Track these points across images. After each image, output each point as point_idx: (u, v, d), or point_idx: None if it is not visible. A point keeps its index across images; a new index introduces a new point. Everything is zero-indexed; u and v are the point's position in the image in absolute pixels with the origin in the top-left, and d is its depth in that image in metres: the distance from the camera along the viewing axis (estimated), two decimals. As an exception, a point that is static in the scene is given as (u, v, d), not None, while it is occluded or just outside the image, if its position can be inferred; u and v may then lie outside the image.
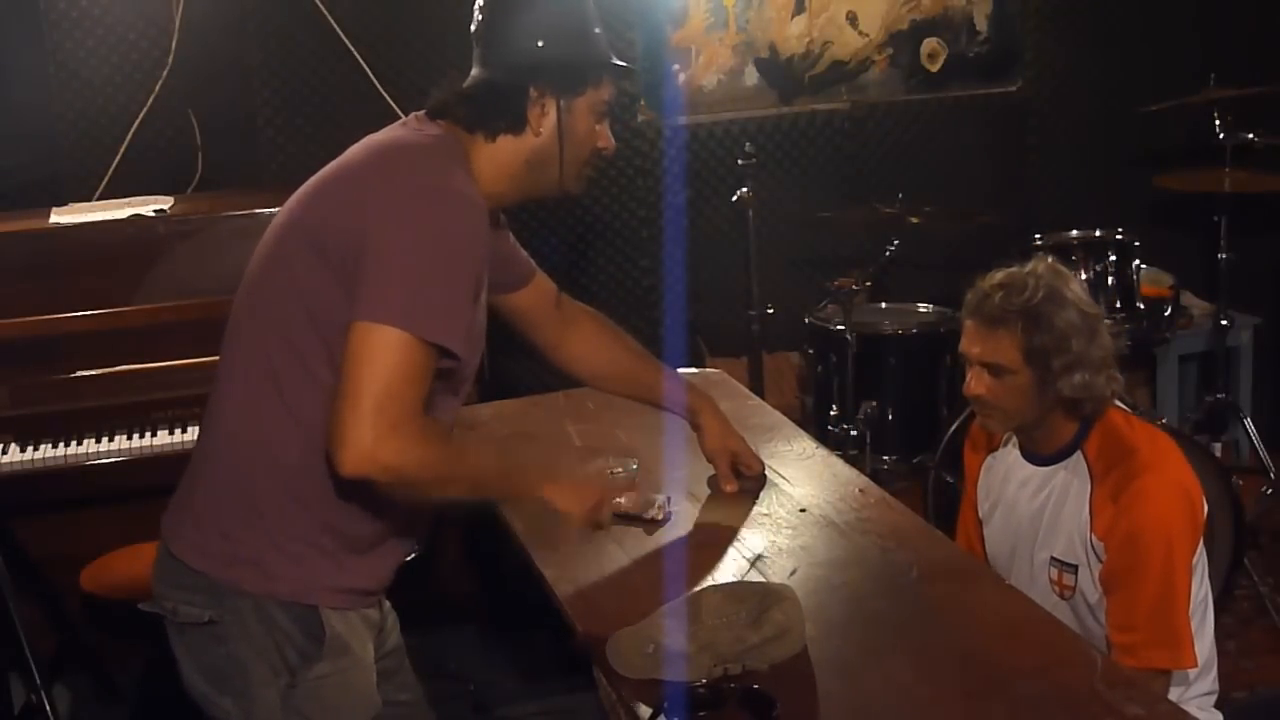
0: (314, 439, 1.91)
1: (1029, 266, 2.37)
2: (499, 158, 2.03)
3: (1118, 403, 2.42)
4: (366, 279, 1.84)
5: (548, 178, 2.07)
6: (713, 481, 2.59)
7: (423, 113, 2.08)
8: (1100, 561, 2.30)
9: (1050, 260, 2.41)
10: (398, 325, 1.81)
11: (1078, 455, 2.38)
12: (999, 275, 2.37)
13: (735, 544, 2.34)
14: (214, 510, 2.03)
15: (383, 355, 1.81)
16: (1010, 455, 2.52)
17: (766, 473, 2.61)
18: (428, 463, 1.86)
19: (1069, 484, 2.38)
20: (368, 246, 1.86)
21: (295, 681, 2.02)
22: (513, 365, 3.80)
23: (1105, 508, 2.30)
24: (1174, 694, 2.28)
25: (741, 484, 2.56)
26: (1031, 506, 2.44)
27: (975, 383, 2.38)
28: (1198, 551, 2.31)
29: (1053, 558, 2.39)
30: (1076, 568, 2.35)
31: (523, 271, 2.43)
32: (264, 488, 1.99)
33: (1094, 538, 2.30)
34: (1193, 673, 2.31)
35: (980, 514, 2.59)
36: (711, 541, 2.35)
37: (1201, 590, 2.33)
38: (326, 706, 2.05)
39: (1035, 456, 2.46)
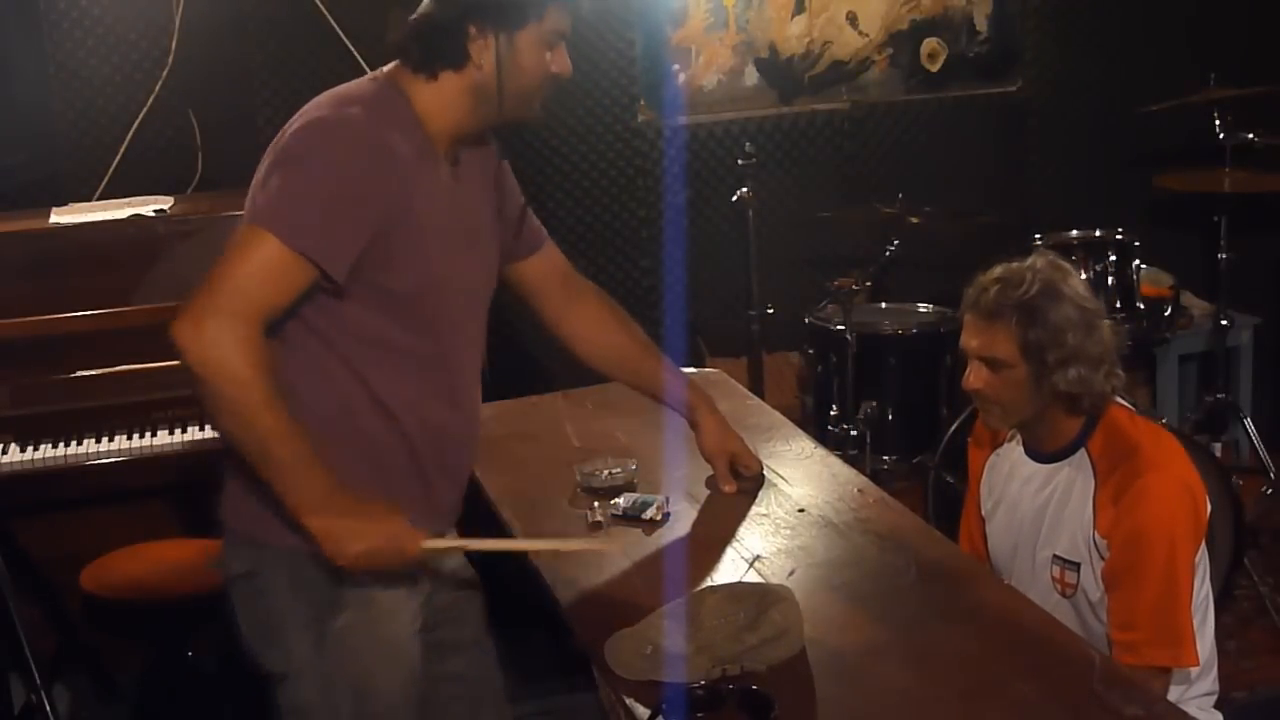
0: (301, 400, 1.99)
1: (1028, 261, 2.38)
2: (444, 94, 2.05)
3: (1121, 400, 2.42)
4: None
5: (495, 109, 2.08)
6: (711, 482, 2.59)
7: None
8: (1103, 559, 2.30)
9: (1051, 255, 2.42)
10: (265, 226, 1.90)
11: (1082, 453, 2.37)
12: (997, 270, 2.38)
13: (734, 544, 2.34)
14: (244, 473, 2.06)
15: (243, 250, 1.90)
16: (1014, 452, 2.52)
17: (765, 473, 2.61)
18: (233, 375, 1.87)
19: (1073, 481, 2.38)
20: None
21: (324, 631, 2.06)
22: (512, 365, 3.80)
23: (1109, 505, 2.29)
24: (1175, 694, 2.28)
25: (740, 484, 2.56)
26: (1035, 504, 2.44)
27: (974, 377, 2.39)
28: (1200, 551, 2.31)
29: (1055, 555, 2.39)
30: (1079, 565, 2.35)
31: (532, 240, 2.42)
32: None
33: (1097, 535, 2.30)
34: (1194, 672, 2.31)
35: (983, 511, 2.59)
36: (710, 542, 2.36)
37: (1203, 590, 2.34)
38: (355, 658, 2.08)
39: (1039, 454, 2.45)
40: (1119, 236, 3.98)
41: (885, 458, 4.17)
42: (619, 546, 2.23)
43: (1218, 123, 4.02)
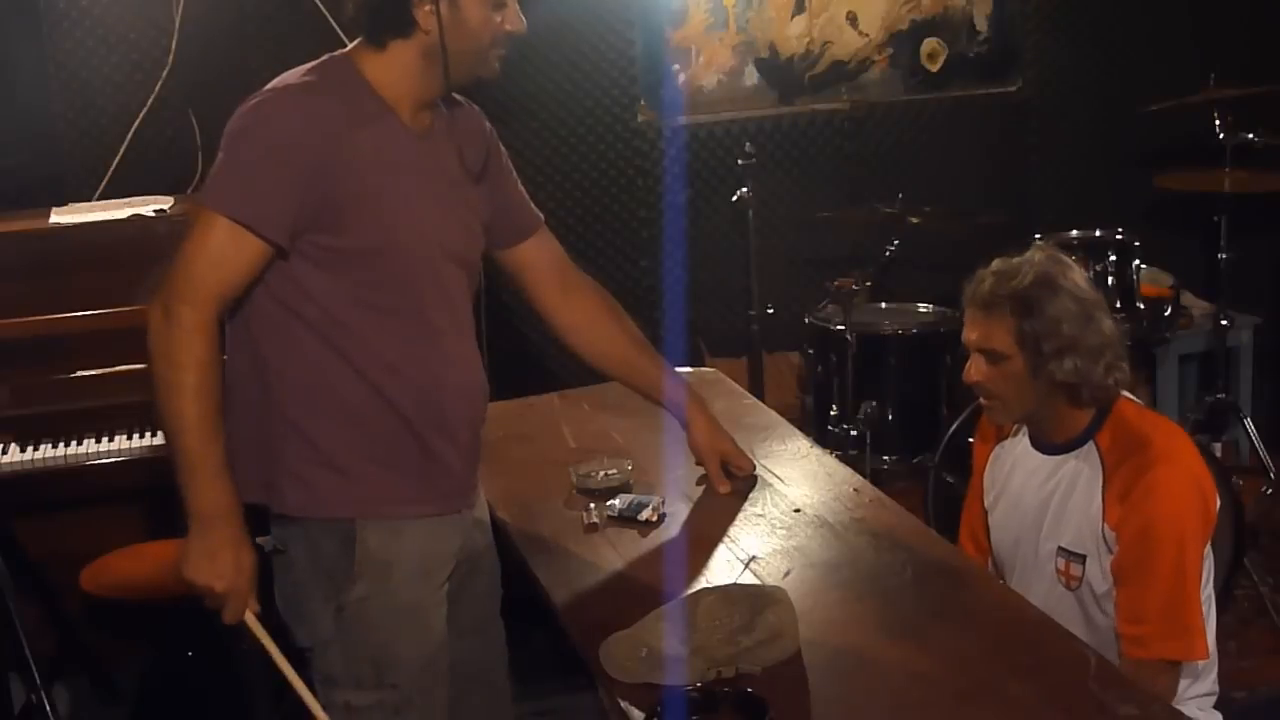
0: (278, 375, 2.06)
1: (1027, 254, 2.38)
2: (397, 62, 2.09)
3: (1128, 395, 2.42)
4: None
5: (452, 71, 2.10)
6: (705, 482, 2.59)
7: None
8: (1111, 552, 2.30)
9: (1050, 249, 2.42)
10: (207, 204, 2.01)
11: (1090, 445, 2.37)
12: (996, 263, 2.39)
13: (730, 545, 2.34)
14: (264, 449, 2.11)
15: (192, 233, 2.01)
16: (1019, 445, 2.51)
17: (761, 473, 2.61)
18: (164, 355, 1.98)
19: (1079, 473, 2.37)
20: None
21: (342, 603, 2.08)
22: (508, 366, 3.80)
23: (1118, 499, 2.29)
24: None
25: (732, 484, 2.56)
26: (1039, 496, 2.43)
27: (974, 369, 2.39)
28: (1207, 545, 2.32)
29: (1060, 547, 2.38)
30: (1085, 558, 2.34)
31: (524, 224, 2.41)
32: (261, 422, 2.09)
33: (1106, 528, 2.29)
34: (1200, 667, 2.31)
35: (985, 504, 2.59)
36: (706, 543, 2.35)
37: (1207, 589, 2.33)
38: (371, 630, 2.09)
39: (1045, 446, 2.45)
40: (1119, 236, 3.98)
41: (885, 458, 4.17)
42: None
43: (1218, 123, 4.02)
